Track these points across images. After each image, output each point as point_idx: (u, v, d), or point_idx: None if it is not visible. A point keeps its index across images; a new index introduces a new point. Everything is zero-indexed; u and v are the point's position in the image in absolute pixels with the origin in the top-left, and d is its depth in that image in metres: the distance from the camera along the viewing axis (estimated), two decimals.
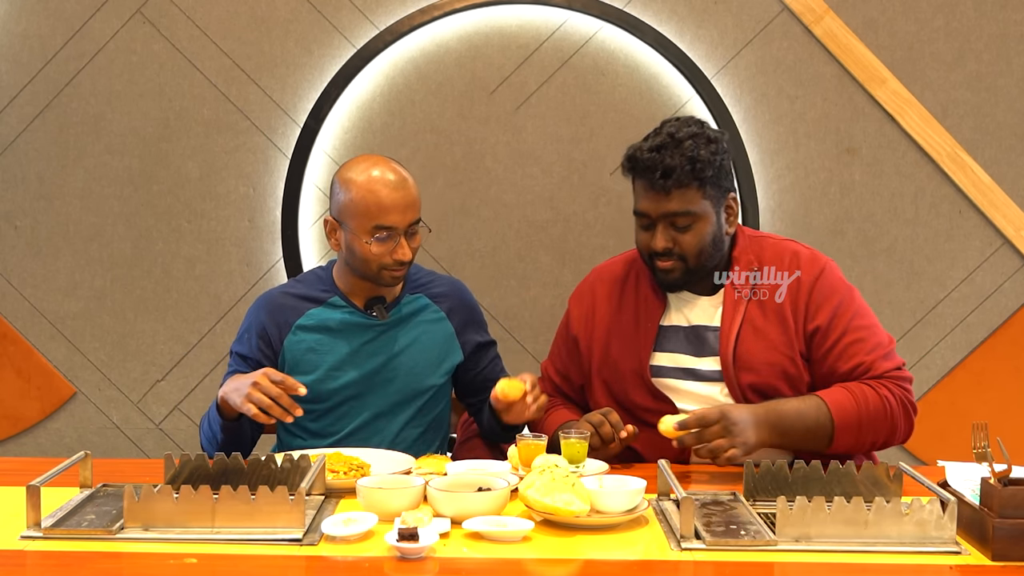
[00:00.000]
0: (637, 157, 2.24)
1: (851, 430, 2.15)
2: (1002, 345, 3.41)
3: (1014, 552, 1.65)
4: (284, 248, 3.42)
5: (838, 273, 2.30)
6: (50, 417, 3.52)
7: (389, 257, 2.29)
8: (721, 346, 2.24)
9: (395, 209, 2.27)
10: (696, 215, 2.21)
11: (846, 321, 2.23)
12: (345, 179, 2.32)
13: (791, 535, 1.70)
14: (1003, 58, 3.36)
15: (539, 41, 3.39)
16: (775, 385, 2.22)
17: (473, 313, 2.51)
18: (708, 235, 2.23)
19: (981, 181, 3.37)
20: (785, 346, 2.23)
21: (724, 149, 2.25)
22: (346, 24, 3.39)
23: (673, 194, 2.20)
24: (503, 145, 3.42)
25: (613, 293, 2.40)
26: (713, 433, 2.05)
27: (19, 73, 3.42)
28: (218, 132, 3.42)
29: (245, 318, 2.47)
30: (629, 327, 2.34)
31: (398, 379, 2.40)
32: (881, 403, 2.17)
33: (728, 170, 2.26)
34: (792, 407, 2.15)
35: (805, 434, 2.14)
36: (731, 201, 2.28)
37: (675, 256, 2.23)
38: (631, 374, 2.30)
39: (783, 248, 2.31)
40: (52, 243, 3.47)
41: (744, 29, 3.37)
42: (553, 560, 1.67)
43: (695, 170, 2.18)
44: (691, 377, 2.28)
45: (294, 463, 1.92)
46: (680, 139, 2.21)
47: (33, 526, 1.72)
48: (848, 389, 2.18)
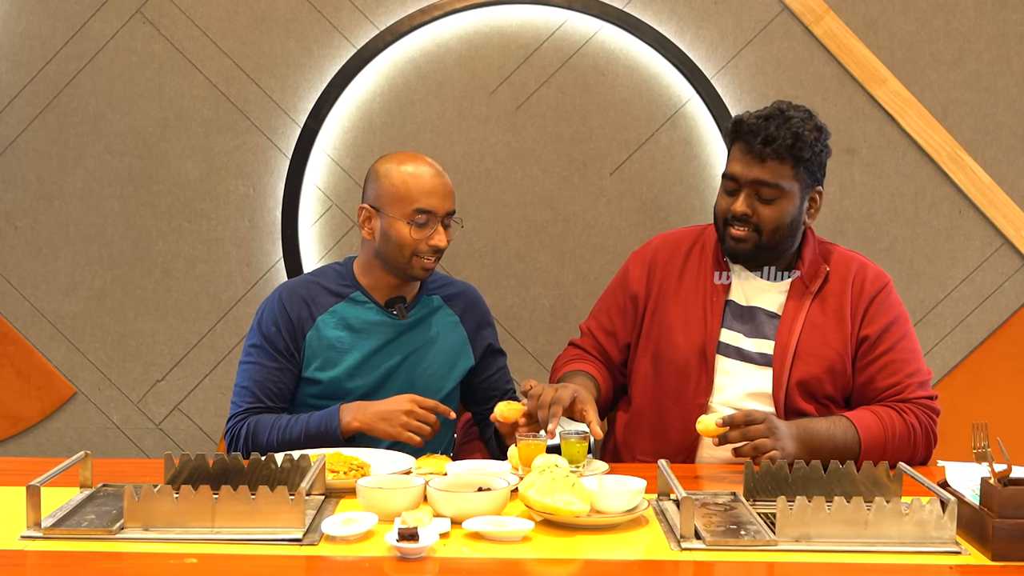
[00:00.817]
0: (743, 120, 2.27)
1: (876, 453, 2.18)
2: (1002, 345, 3.41)
3: (1014, 552, 1.65)
4: (284, 248, 3.42)
5: (897, 294, 2.35)
6: (50, 417, 3.52)
7: (425, 243, 2.31)
8: (781, 333, 2.27)
9: (436, 194, 2.32)
10: (783, 190, 2.23)
11: (895, 339, 2.28)
12: (386, 167, 2.36)
13: (791, 535, 1.70)
14: (1003, 58, 3.36)
15: (539, 41, 3.39)
16: (821, 379, 2.26)
17: (486, 317, 2.52)
18: (788, 215, 2.25)
19: (981, 181, 3.37)
20: (839, 344, 2.27)
21: (826, 142, 2.28)
22: (346, 24, 3.39)
23: (768, 163, 2.22)
24: (503, 145, 3.42)
25: (676, 259, 2.41)
26: (758, 432, 2.06)
27: (19, 73, 3.42)
28: (218, 132, 3.42)
29: (264, 309, 2.42)
30: (691, 297, 2.35)
31: (411, 380, 2.40)
32: (907, 429, 2.22)
33: (823, 164, 2.29)
34: (824, 427, 2.19)
35: (833, 453, 2.14)
36: (816, 194, 2.30)
37: (751, 225, 2.25)
38: (689, 345, 2.31)
39: (851, 258, 2.36)
40: (52, 243, 3.47)
41: (744, 29, 3.37)
42: (553, 560, 1.67)
43: (795, 146, 2.21)
44: (740, 357, 2.30)
45: (294, 463, 1.92)
46: (789, 116, 2.24)
47: (33, 526, 1.72)
48: (876, 414, 2.22)
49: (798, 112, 2.26)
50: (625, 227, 3.41)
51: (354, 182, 3.41)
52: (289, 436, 2.27)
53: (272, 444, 2.27)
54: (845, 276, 2.31)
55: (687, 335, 2.31)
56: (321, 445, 2.23)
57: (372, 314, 2.39)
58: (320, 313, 2.38)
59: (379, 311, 2.40)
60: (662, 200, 3.42)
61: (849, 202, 3.40)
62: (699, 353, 2.30)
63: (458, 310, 2.47)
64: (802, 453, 2.13)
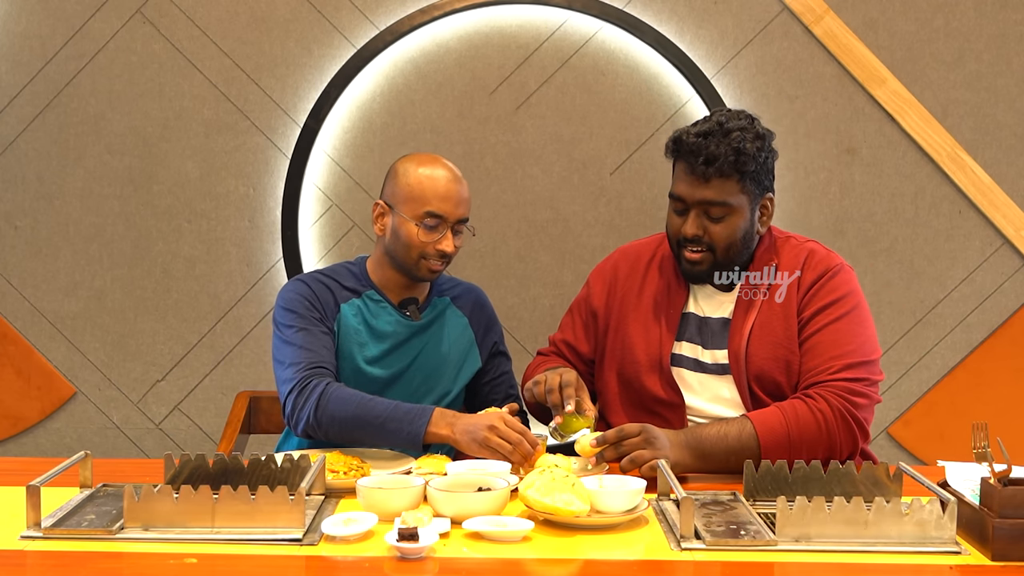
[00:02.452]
0: (682, 140, 2.22)
1: (780, 449, 2.11)
2: (1002, 345, 3.41)
3: (1014, 552, 1.65)
4: (284, 248, 3.42)
5: (848, 280, 2.27)
6: (50, 417, 3.52)
7: (432, 247, 2.31)
8: (732, 340, 2.24)
9: (449, 200, 2.32)
10: (731, 207, 2.20)
11: (826, 321, 2.21)
12: (405, 166, 2.37)
13: (791, 535, 1.70)
14: (1003, 58, 3.36)
15: (539, 41, 3.38)
16: (777, 377, 2.22)
17: (492, 319, 2.53)
18: (740, 230, 2.22)
19: (981, 181, 3.37)
20: (787, 338, 2.23)
21: (770, 148, 2.24)
22: (346, 24, 3.39)
23: (712, 182, 2.19)
24: (503, 145, 3.42)
25: (635, 273, 2.39)
26: (633, 444, 2.03)
27: (19, 73, 3.42)
28: (218, 132, 3.42)
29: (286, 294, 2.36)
30: (650, 311, 2.33)
31: (421, 381, 2.40)
32: (813, 419, 2.12)
33: (770, 170, 2.26)
34: (714, 430, 2.13)
35: (728, 455, 2.10)
36: (767, 201, 2.27)
37: (704, 245, 2.23)
38: (648, 360, 2.30)
39: (801, 248, 2.31)
40: (52, 243, 3.47)
41: (744, 29, 3.37)
42: (553, 560, 1.67)
43: (738, 162, 2.17)
44: (700, 369, 2.28)
45: (294, 463, 1.92)
46: (728, 129, 2.19)
47: (33, 526, 1.72)
48: (780, 407, 2.15)
49: (738, 122, 2.20)
50: (625, 227, 3.41)
51: (354, 182, 3.41)
52: (371, 411, 2.17)
53: (346, 413, 2.17)
54: (793, 265, 2.28)
55: (647, 350, 2.30)
56: (396, 437, 2.15)
57: (387, 314, 2.39)
58: (343, 301, 2.38)
59: (393, 311, 2.40)
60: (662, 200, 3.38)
61: (849, 202, 3.40)
62: (657, 367, 2.28)
63: (466, 311, 2.48)
64: (690, 459, 2.09)
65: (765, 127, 2.26)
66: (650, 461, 2.01)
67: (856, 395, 2.15)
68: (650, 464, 2.01)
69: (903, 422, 3.44)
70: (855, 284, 2.28)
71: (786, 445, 2.11)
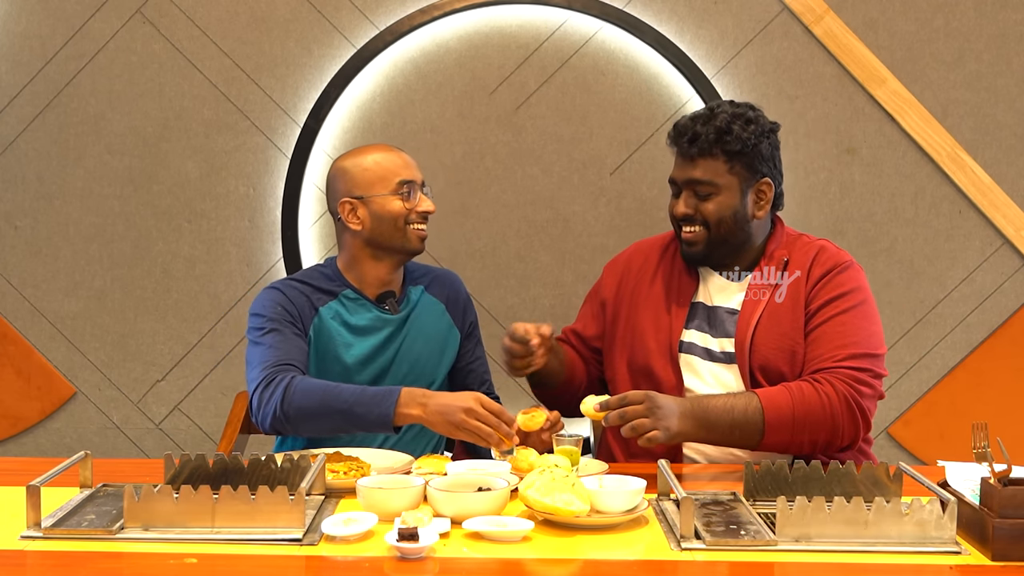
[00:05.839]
0: (676, 124, 2.31)
1: (784, 427, 2.13)
2: (1002, 345, 3.41)
3: (1014, 552, 1.65)
4: (284, 248, 3.42)
5: (857, 276, 2.30)
6: (50, 417, 3.52)
7: (415, 212, 2.37)
8: (739, 329, 2.27)
9: (409, 166, 2.40)
10: (717, 186, 2.26)
11: (832, 313, 2.24)
12: (352, 160, 2.41)
13: (791, 535, 1.70)
14: (1003, 58, 3.36)
15: (539, 41, 3.38)
16: (781, 367, 2.24)
17: (467, 301, 2.56)
18: (728, 208, 2.27)
19: (981, 181, 3.37)
20: (794, 330, 2.26)
21: (766, 135, 2.28)
22: (346, 24, 3.39)
23: (698, 162, 2.27)
24: (503, 145, 3.42)
25: (649, 264, 2.44)
26: (636, 412, 2.03)
27: (19, 73, 3.42)
28: (218, 132, 3.42)
29: (260, 301, 2.37)
30: (660, 299, 2.37)
31: (406, 372, 2.41)
32: (819, 401, 2.14)
33: (768, 157, 2.29)
34: (720, 402, 2.14)
35: (732, 428, 2.12)
36: (763, 186, 2.30)
37: (698, 223, 2.28)
38: (658, 346, 2.33)
39: (811, 245, 2.35)
40: (52, 243, 3.47)
41: (744, 29, 3.37)
42: (553, 560, 1.67)
43: (720, 140, 2.24)
44: (708, 357, 2.31)
45: (294, 463, 1.92)
46: (717, 113, 2.27)
47: (33, 526, 1.72)
48: (787, 386, 2.17)
49: (732, 108, 2.28)
50: (625, 227, 3.41)
51: None
52: (337, 398, 2.15)
53: (312, 402, 2.16)
54: (803, 262, 2.31)
55: (656, 337, 2.34)
56: (366, 421, 2.14)
57: (366, 310, 2.41)
58: (320, 305, 2.39)
59: (372, 307, 2.41)
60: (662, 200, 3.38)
61: (849, 202, 3.40)
62: (667, 354, 2.32)
63: (442, 297, 2.51)
64: (693, 429, 2.11)
65: (770, 120, 2.31)
66: (651, 432, 2.02)
67: (861, 383, 2.17)
68: (648, 436, 2.02)
69: (903, 422, 3.44)
70: (863, 281, 2.32)
71: (790, 424, 2.13)
